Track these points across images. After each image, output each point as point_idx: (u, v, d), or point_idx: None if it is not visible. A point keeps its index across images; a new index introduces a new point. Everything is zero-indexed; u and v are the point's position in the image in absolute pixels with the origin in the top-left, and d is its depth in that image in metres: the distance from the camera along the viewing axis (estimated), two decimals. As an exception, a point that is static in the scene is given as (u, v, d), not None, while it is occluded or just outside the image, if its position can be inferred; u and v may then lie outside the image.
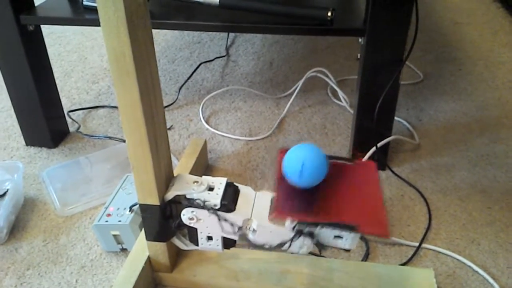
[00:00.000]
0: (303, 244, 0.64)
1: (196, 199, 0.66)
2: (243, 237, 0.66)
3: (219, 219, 0.65)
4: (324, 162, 0.63)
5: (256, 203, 0.67)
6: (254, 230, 0.65)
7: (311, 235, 0.63)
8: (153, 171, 0.65)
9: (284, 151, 0.70)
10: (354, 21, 0.92)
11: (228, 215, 0.65)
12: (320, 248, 0.63)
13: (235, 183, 0.70)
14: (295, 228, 0.63)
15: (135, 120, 0.60)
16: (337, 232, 0.62)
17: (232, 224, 0.66)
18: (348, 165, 0.69)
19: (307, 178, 0.63)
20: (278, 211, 0.62)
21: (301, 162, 0.62)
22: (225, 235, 0.68)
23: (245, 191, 0.69)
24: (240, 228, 0.66)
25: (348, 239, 0.63)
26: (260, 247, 0.65)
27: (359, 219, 0.61)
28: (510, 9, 1.77)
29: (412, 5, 0.83)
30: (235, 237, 0.67)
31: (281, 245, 0.64)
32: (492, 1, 1.86)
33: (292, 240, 0.63)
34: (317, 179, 0.64)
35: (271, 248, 0.65)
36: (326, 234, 0.62)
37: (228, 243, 0.71)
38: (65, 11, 1.01)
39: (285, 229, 0.63)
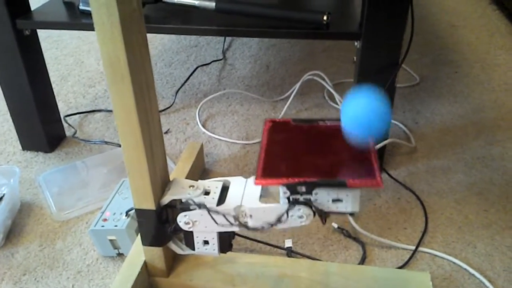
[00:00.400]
0: (302, 214, 0.61)
1: (191, 202, 0.66)
2: (242, 225, 0.65)
3: (209, 213, 0.65)
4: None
5: (246, 189, 0.67)
6: (250, 216, 0.64)
7: (307, 203, 0.60)
8: (148, 176, 0.64)
9: (272, 120, 0.69)
10: (350, 25, 0.92)
11: (218, 207, 0.65)
12: (322, 215, 0.60)
13: (226, 178, 0.69)
14: (290, 198, 0.60)
15: (130, 124, 0.60)
16: (332, 194, 0.59)
17: (225, 215, 0.65)
18: (339, 126, 0.66)
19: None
20: (260, 175, 0.59)
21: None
22: (223, 229, 0.67)
23: (235, 181, 0.69)
24: (236, 218, 0.65)
25: (348, 201, 0.60)
26: (261, 229, 0.64)
27: (348, 173, 0.57)
28: (506, 12, 1.77)
29: (407, 8, 0.83)
30: (234, 228, 0.66)
31: (279, 220, 0.63)
32: (488, 4, 1.87)
33: (288, 211, 0.61)
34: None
35: (271, 227, 0.63)
36: (323, 198, 0.59)
37: (224, 247, 0.71)
38: (61, 16, 1.01)
39: (278, 205, 0.62)
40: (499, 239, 0.87)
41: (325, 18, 0.89)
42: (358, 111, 0.58)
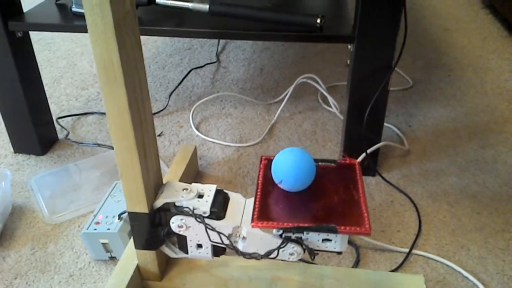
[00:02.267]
0: (293, 251, 0.63)
1: (185, 207, 0.66)
2: (233, 245, 0.65)
3: (206, 228, 0.65)
4: (312, 164, 0.64)
5: (246, 210, 0.67)
6: (244, 238, 0.65)
7: (299, 241, 0.62)
8: (141, 179, 0.64)
9: (267, 158, 0.70)
10: (343, 28, 0.92)
11: (216, 223, 0.65)
12: (311, 253, 0.63)
13: (225, 190, 0.69)
14: (283, 235, 0.62)
15: (123, 127, 0.60)
16: (323, 235, 0.62)
17: (219, 233, 0.65)
18: (331, 167, 0.69)
19: (296, 182, 0.63)
20: (255, 218, 0.61)
21: (290, 166, 0.62)
22: (214, 243, 0.67)
23: (234, 198, 0.69)
24: (229, 236, 0.65)
25: (337, 241, 0.62)
26: (249, 255, 0.65)
27: (340, 219, 0.60)
28: (498, 16, 1.79)
29: (401, 12, 0.84)
30: (224, 245, 0.66)
31: (269, 253, 0.64)
32: (480, 8, 1.88)
33: (279, 247, 0.63)
34: (307, 182, 0.64)
35: (260, 257, 0.65)
36: (314, 238, 0.62)
37: (218, 251, 0.70)
38: (54, 18, 1.00)
39: (273, 236, 0.63)
40: (492, 242, 0.87)
41: (318, 21, 0.89)
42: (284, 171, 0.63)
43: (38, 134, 1.10)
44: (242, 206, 0.68)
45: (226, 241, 0.65)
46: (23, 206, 0.97)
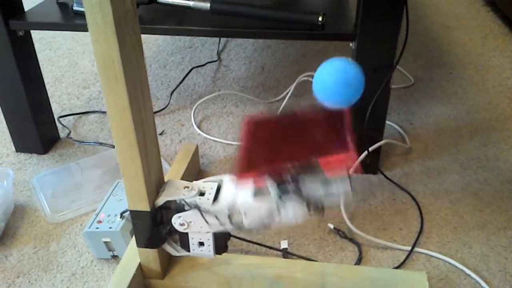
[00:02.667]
0: (295, 210, 0.60)
1: (185, 203, 0.66)
2: (238, 225, 0.64)
3: (201, 213, 0.64)
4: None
5: (239, 187, 0.66)
6: (244, 214, 0.64)
7: (298, 192, 0.59)
8: (143, 177, 0.64)
9: (249, 118, 0.68)
10: (345, 26, 0.92)
11: (210, 207, 0.64)
12: (319, 211, 0.60)
13: (218, 177, 0.69)
14: (279, 187, 0.60)
15: (124, 125, 0.60)
16: (315, 182, 0.59)
17: (217, 216, 0.64)
18: (320, 115, 0.66)
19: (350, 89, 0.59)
20: (238, 171, 0.59)
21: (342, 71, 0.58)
22: (218, 229, 0.66)
23: (227, 180, 0.68)
24: (230, 218, 0.64)
25: (338, 185, 0.59)
26: (257, 230, 0.63)
27: (324, 157, 0.57)
28: (499, 13, 1.78)
29: (402, 10, 0.83)
30: (229, 228, 0.65)
31: (271, 216, 0.62)
32: (482, 5, 1.88)
33: (278, 207, 0.60)
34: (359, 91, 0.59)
35: (265, 226, 0.63)
36: (313, 189, 0.59)
37: (220, 249, 0.70)
38: (55, 16, 1.00)
39: (269, 197, 0.61)
40: (495, 240, 0.87)
41: (320, 19, 0.89)
42: (329, 79, 0.58)
43: (40, 133, 1.10)
44: (235, 185, 0.67)
45: (229, 224, 0.64)
46: (25, 205, 0.98)
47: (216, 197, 0.66)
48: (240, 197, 0.64)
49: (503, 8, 1.72)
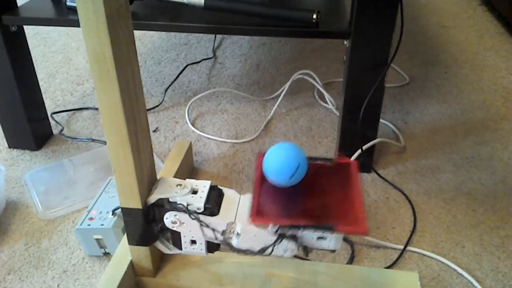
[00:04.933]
0: (287, 248, 0.63)
1: (179, 203, 0.65)
2: (226, 241, 0.65)
3: (200, 224, 0.65)
4: (300, 158, 0.63)
5: (240, 206, 0.67)
6: (238, 234, 0.64)
7: (294, 238, 0.62)
8: (135, 174, 0.64)
9: (263, 154, 0.70)
10: (339, 24, 0.92)
11: (210, 220, 0.65)
12: (305, 251, 0.63)
13: (219, 186, 0.69)
14: (278, 232, 0.62)
15: (116, 121, 0.59)
16: (318, 233, 0.61)
17: (213, 229, 0.65)
18: (327, 165, 0.68)
19: (288, 177, 0.62)
20: (254, 214, 0.61)
21: (275, 160, 0.62)
22: (208, 240, 0.67)
23: (229, 194, 0.69)
24: (223, 232, 0.65)
25: (332, 240, 0.62)
26: (243, 252, 0.65)
27: (337, 218, 0.60)
28: (495, 13, 1.78)
29: (397, 8, 0.83)
30: (218, 241, 0.66)
31: (263, 249, 0.64)
32: (478, 5, 1.88)
33: (274, 244, 0.63)
34: (298, 177, 0.63)
35: (254, 253, 0.64)
36: (309, 236, 0.62)
37: (212, 247, 0.70)
38: (49, 12, 0.99)
39: (268, 232, 0.63)
40: (487, 239, 0.87)
41: (314, 16, 0.88)
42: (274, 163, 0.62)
43: (33, 129, 1.09)
44: (236, 202, 0.67)
45: (220, 238, 0.65)
46: (17, 202, 0.97)
47: (215, 205, 0.66)
48: (240, 218, 0.64)
49: (499, 8, 1.72)
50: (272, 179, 0.63)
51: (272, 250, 0.63)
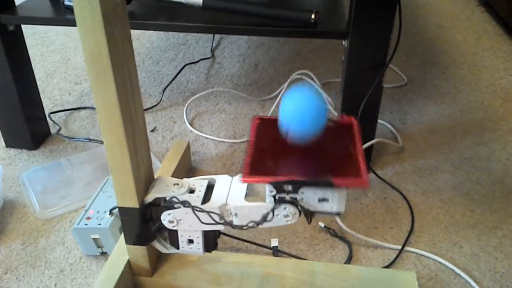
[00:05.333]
0: (288, 213, 0.61)
1: (174, 199, 0.65)
2: (227, 224, 0.64)
3: (193, 211, 0.64)
4: (324, 106, 0.59)
5: (232, 187, 0.66)
6: (235, 215, 0.64)
7: (293, 202, 0.60)
8: (132, 173, 0.63)
9: (260, 117, 0.68)
10: (338, 24, 0.92)
11: (202, 206, 0.64)
12: (308, 215, 0.60)
13: (212, 176, 0.69)
14: (276, 197, 0.60)
15: (112, 120, 0.59)
16: (318, 194, 0.59)
17: (209, 214, 0.64)
18: (328, 126, 0.64)
19: (305, 126, 0.59)
20: (246, 173, 0.58)
21: (299, 107, 0.58)
22: (208, 228, 0.66)
23: (221, 179, 0.68)
24: (221, 216, 0.64)
25: (334, 201, 0.59)
26: (246, 227, 0.63)
27: (336, 173, 0.57)
28: (493, 13, 1.78)
29: (395, 9, 0.83)
30: (219, 227, 0.65)
31: (265, 219, 0.62)
32: (476, 5, 1.88)
33: (273, 210, 0.61)
34: (318, 127, 0.59)
35: (256, 225, 0.63)
36: (309, 198, 0.59)
37: (209, 246, 0.70)
38: (46, 11, 0.99)
39: (263, 203, 0.61)
40: (485, 239, 0.87)
41: (313, 16, 0.88)
42: (293, 107, 0.58)
43: (30, 128, 1.09)
44: (228, 184, 0.66)
45: (220, 221, 0.64)
46: (15, 201, 0.97)
47: (208, 196, 0.66)
48: (232, 198, 0.64)
49: (498, 9, 1.72)
50: (286, 131, 0.60)
51: (273, 216, 0.61)
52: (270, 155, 0.62)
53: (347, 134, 0.64)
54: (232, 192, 0.65)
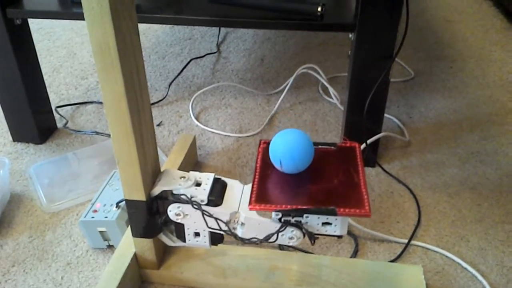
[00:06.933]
0: (293, 235, 0.62)
1: (183, 195, 0.65)
2: (231, 231, 0.65)
3: (203, 215, 0.64)
4: (310, 144, 0.63)
5: (243, 196, 0.66)
6: (242, 224, 0.64)
7: (298, 225, 0.61)
8: (138, 166, 0.64)
9: (266, 141, 0.69)
10: (344, 17, 0.91)
11: (213, 210, 0.64)
12: (311, 237, 0.61)
13: (222, 178, 0.69)
14: (282, 219, 0.61)
15: (120, 112, 0.59)
16: (322, 218, 0.60)
17: (217, 219, 0.65)
18: (331, 150, 0.68)
19: (295, 161, 0.62)
20: (253, 201, 0.60)
21: (288, 146, 0.61)
22: (212, 230, 0.67)
23: (233, 184, 0.68)
24: (227, 222, 0.65)
25: (337, 225, 0.61)
26: (248, 240, 0.64)
27: (339, 201, 0.59)
28: (501, 7, 1.77)
29: (402, 1, 0.82)
30: (222, 231, 0.66)
31: (268, 237, 0.63)
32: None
33: (279, 231, 0.62)
34: (307, 162, 0.63)
35: (259, 241, 0.64)
36: (313, 222, 0.61)
37: (215, 239, 0.70)
38: (53, 5, 0.99)
39: (272, 221, 0.62)
40: (492, 233, 0.86)
41: (319, 9, 0.88)
42: (283, 146, 0.62)
43: (37, 122, 1.09)
44: (239, 192, 0.67)
45: (224, 227, 0.65)
46: (22, 195, 0.97)
47: (219, 196, 0.66)
48: (244, 208, 0.64)
49: (505, 3, 1.71)
50: (280, 165, 0.63)
51: (277, 238, 0.63)
52: (276, 181, 0.64)
53: (350, 159, 0.66)
54: (243, 201, 0.66)
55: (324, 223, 0.61)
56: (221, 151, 1.09)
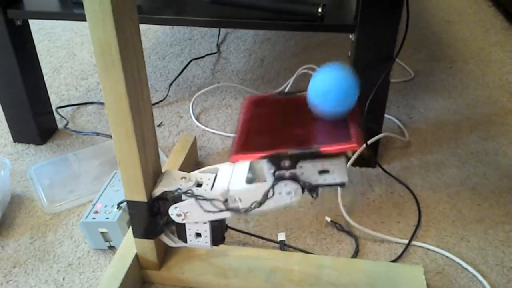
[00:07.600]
0: (290, 190, 0.60)
1: (180, 193, 0.65)
2: (232, 209, 0.64)
3: (196, 200, 0.64)
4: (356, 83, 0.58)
5: (234, 174, 0.66)
6: (240, 200, 0.64)
7: (294, 178, 0.59)
8: (140, 167, 0.64)
9: (250, 97, 0.67)
10: (345, 17, 0.91)
11: (204, 194, 0.64)
12: (312, 191, 0.59)
13: (216, 166, 0.69)
14: (275, 175, 0.59)
15: (121, 113, 0.59)
16: (317, 166, 0.57)
17: (212, 201, 0.64)
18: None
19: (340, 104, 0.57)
20: (234, 152, 0.58)
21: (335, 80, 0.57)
22: (214, 217, 0.66)
23: (223, 167, 0.68)
24: (226, 203, 0.64)
25: (335, 171, 0.58)
26: (250, 209, 0.63)
27: (324, 140, 0.55)
28: (501, 8, 1.77)
29: (402, 2, 0.83)
30: (225, 214, 0.65)
31: (266, 195, 0.61)
32: (483, 0, 1.87)
33: (273, 187, 0.60)
34: (352, 102, 0.58)
35: (259, 205, 0.62)
36: (309, 171, 0.58)
37: (217, 240, 0.70)
38: (54, 6, 0.99)
39: (263, 183, 0.61)
40: (492, 234, 0.86)
41: (320, 10, 0.88)
42: (325, 85, 0.57)
43: (38, 123, 1.09)
44: (230, 171, 0.67)
45: (224, 208, 0.64)
46: (22, 195, 0.97)
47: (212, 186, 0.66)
48: (234, 184, 0.64)
49: (505, 3, 1.71)
50: (321, 104, 0.58)
51: (273, 193, 0.61)
52: (262, 133, 0.60)
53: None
54: (234, 178, 0.65)
55: (321, 172, 0.58)
56: (222, 151, 1.09)
